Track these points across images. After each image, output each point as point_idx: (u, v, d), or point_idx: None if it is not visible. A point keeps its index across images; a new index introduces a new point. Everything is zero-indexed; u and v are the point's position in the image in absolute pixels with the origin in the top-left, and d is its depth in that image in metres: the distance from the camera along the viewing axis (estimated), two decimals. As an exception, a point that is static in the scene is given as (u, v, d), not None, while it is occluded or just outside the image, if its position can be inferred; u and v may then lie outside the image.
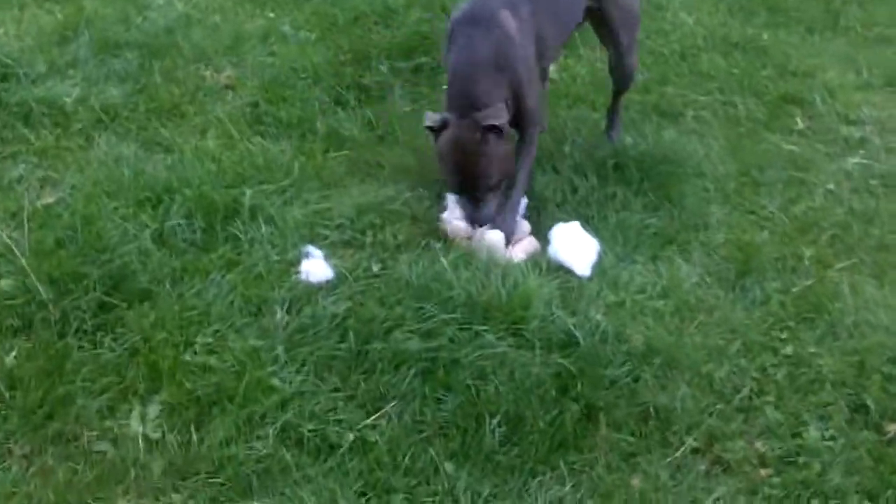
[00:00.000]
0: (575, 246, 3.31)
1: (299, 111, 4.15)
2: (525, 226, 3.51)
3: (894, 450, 2.73)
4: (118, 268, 3.15)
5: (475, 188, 3.40)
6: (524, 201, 3.57)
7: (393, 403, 2.78)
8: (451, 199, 3.53)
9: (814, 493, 2.61)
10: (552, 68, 4.37)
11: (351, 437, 2.67)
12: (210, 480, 2.58)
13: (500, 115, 3.36)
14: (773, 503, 2.60)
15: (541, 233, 3.49)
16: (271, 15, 5.03)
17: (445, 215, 3.51)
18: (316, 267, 3.21)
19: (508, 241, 3.38)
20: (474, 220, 3.41)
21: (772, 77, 4.85)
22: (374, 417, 2.75)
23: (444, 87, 3.56)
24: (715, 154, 4.07)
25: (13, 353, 2.87)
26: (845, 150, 4.27)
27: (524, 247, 3.43)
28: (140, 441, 2.65)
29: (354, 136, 4.03)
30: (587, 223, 3.54)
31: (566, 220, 3.52)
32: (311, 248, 3.28)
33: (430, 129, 3.43)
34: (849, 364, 3.00)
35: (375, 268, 3.26)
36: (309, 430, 2.68)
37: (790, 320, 3.20)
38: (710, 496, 2.61)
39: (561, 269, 3.30)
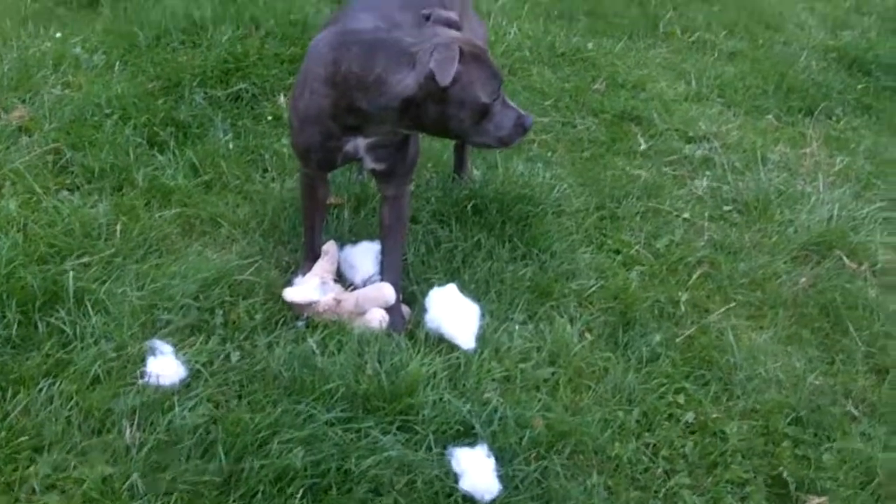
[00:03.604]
0: (456, 315, 2.97)
1: (111, 157, 3.59)
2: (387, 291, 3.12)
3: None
4: (-80, 383, 2.58)
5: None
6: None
7: (283, 536, 2.39)
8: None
9: None
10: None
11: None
12: None
13: None
14: None
15: (407, 290, 3.16)
16: (58, 35, 4.39)
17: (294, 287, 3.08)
18: (165, 366, 2.72)
19: (400, 326, 3.02)
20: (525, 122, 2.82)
21: (605, 92, 4.72)
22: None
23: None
24: (567, 186, 3.85)
25: None
26: (692, 173, 4.18)
27: (380, 315, 3.06)
28: None
29: (179, 186, 3.53)
30: (456, 276, 3.24)
31: (435, 278, 3.22)
32: (157, 343, 2.78)
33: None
34: (755, 431, 2.87)
35: (234, 357, 2.83)
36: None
37: (682, 379, 3.03)
38: None
39: (441, 341, 2.98)
